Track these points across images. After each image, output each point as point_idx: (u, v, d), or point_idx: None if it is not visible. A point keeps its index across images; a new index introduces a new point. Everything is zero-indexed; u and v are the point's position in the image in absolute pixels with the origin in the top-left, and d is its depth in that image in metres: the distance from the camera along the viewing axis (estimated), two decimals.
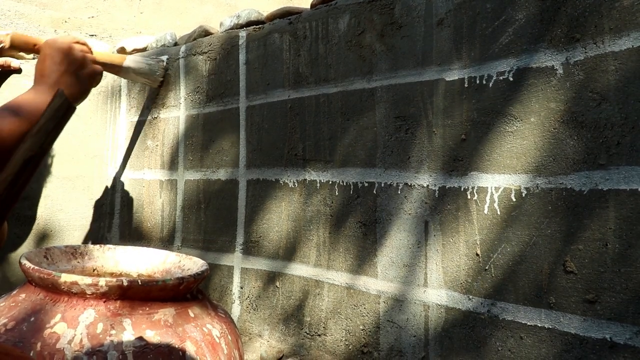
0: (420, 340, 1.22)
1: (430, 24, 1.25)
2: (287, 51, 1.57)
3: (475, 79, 1.17)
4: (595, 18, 0.99)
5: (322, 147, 1.46)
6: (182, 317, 1.03)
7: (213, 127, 1.78)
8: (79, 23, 2.78)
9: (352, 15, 1.41)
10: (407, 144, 1.28)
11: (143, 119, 2.03)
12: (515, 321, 1.07)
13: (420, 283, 1.23)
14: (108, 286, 0.96)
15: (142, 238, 1.98)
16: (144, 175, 2.01)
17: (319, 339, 1.43)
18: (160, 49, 2.02)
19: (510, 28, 1.11)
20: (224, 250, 1.71)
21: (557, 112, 1.03)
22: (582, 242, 0.99)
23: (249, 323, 1.62)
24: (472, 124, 1.16)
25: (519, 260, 1.07)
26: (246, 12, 1.74)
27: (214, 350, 1.02)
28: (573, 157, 1.01)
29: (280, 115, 1.58)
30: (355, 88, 1.40)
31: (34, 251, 1.20)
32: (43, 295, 1.00)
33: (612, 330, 0.94)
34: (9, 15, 2.58)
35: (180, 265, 1.31)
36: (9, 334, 0.92)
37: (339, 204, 1.41)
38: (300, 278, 1.49)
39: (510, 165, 1.09)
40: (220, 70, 1.77)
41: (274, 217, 1.57)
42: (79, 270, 1.31)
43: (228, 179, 1.72)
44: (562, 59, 1.03)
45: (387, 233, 1.30)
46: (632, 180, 0.93)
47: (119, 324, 0.94)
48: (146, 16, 2.96)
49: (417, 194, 1.25)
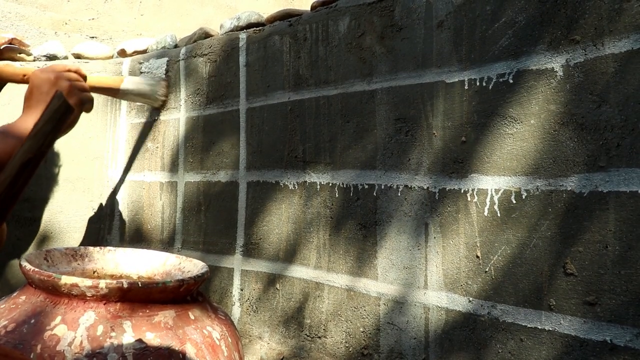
0: (420, 343, 1.22)
1: (430, 26, 1.25)
2: (287, 53, 1.57)
3: (475, 81, 1.17)
4: (595, 20, 0.99)
5: (322, 149, 1.46)
6: (182, 319, 1.03)
7: (213, 129, 1.78)
8: (80, 25, 2.78)
9: (352, 17, 1.41)
10: (407, 146, 1.28)
11: (143, 121, 2.03)
12: (515, 323, 1.07)
13: (420, 285, 1.23)
14: (108, 288, 0.96)
15: (142, 240, 1.98)
16: (144, 177, 2.01)
17: (319, 341, 1.43)
18: (160, 51, 2.02)
19: (510, 30, 1.11)
20: (224, 253, 1.71)
21: (557, 114, 1.03)
22: (582, 244, 0.99)
23: (249, 325, 1.62)
24: (472, 126, 1.16)
25: (519, 262, 1.07)
26: (246, 14, 1.75)
27: (214, 352, 1.02)
28: (573, 159, 1.01)
29: (280, 117, 1.58)
30: (355, 90, 1.40)
31: (34, 253, 1.20)
32: (43, 298, 0.99)
33: (612, 332, 0.94)
34: (9, 17, 2.59)
35: (180, 267, 1.31)
36: (9, 336, 0.92)
37: (339, 206, 1.41)
38: (301, 280, 1.49)
39: (510, 167, 1.10)
40: (220, 72, 1.77)
41: (274, 219, 1.57)
42: (79, 272, 1.31)
43: (228, 181, 1.72)
44: (562, 60, 1.03)
45: (387, 235, 1.30)
46: (632, 182, 0.93)
47: (119, 326, 0.94)
48: (146, 18, 2.97)
49: (417, 196, 1.25)
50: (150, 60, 2.01)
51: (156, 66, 1.99)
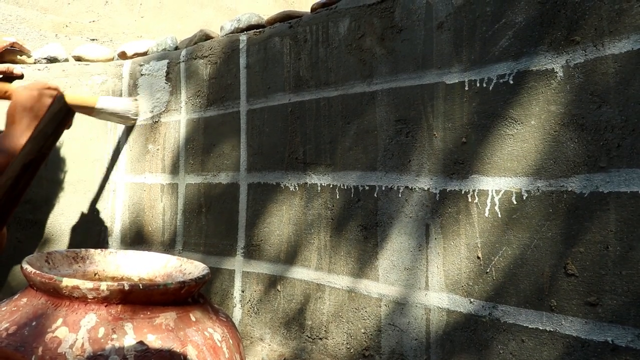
0: (421, 344, 1.22)
1: (430, 27, 1.25)
2: (288, 55, 1.57)
3: (475, 82, 1.17)
4: (595, 21, 0.99)
5: (322, 150, 1.47)
6: (183, 321, 1.03)
7: (214, 131, 1.78)
8: (80, 27, 2.79)
9: (353, 19, 1.41)
10: (408, 147, 1.28)
11: (144, 123, 2.04)
12: (516, 324, 1.07)
13: (421, 286, 1.23)
14: (109, 290, 0.96)
15: (143, 242, 1.98)
16: (145, 179, 2.01)
17: (321, 343, 1.43)
18: (161, 53, 2.02)
19: (510, 31, 1.11)
20: (225, 254, 1.71)
21: (557, 115, 1.03)
22: (583, 244, 0.99)
23: (250, 327, 1.62)
24: (473, 127, 1.16)
25: (520, 263, 1.07)
26: (247, 16, 1.75)
27: (215, 354, 1.02)
28: (574, 160, 1.01)
29: (281, 118, 1.58)
30: (355, 91, 1.40)
31: (35, 255, 1.20)
32: (44, 300, 1.00)
33: (613, 332, 0.94)
34: (10, 20, 2.59)
35: (181, 269, 1.31)
36: (10, 339, 0.92)
37: (339, 207, 1.42)
38: (302, 282, 1.49)
39: (511, 168, 1.10)
40: (220, 74, 1.77)
41: (275, 221, 1.57)
42: (81, 274, 1.31)
43: (229, 183, 1.72)
44: (562, 61, 1.03)
45: (388, 236, 1.30)
46: (633, 183, 0.93)
47: (121, 328, 0.94)
48: (147, 20, 2.97)
49: (418, 197, 1.25)
50: (150, 62, 2.02)
51: (157, 68, 1.99)
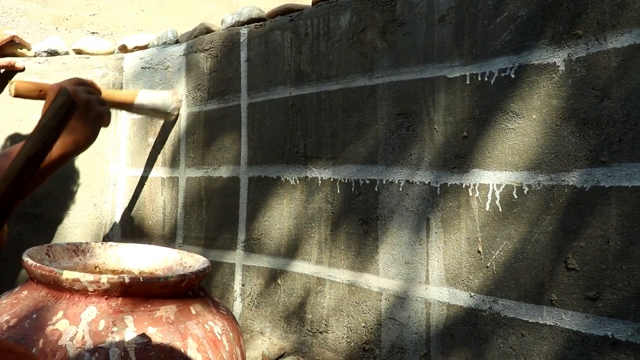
0: (421, 338, 1.22)
1: (431, 20, 1.25)
2: (289, 48, 1.57)
3: (476, 75, 1.16)
4: (597, 14, 0.99)
5: (323, 144, 1.46)
6: (183, 314, 1.03)
7: (214, 125, 1.78)
8: (80, 21, 2.78)
9: (354, 12, 1.41)
10: (409, 141, 1.28)
11: (144, 116, 2.03)
12: (516, 318, 1.07)
13: (421, 280, 1.23)
14: (110, 283, 0.96)
15: (143, 235, 1.98)
16: (145, 173, 2.01)
17: (321, 336, 1.43)
18: (161, 46, 2.02)
19: (511, 25, 1.11)
20: (225, 248, 1.71)
21: (558, 109, 1.03)
22: (584, 239, 0.98)
23: (250, 320, 1.62)
24: (474, 120, 1.16)
25: (521, 257, 1.07)
26: (247, 10, 1.74)
27: (215, 347, 1.02)
28: (575, 154, 1.00)
29: (281, 112, 1.58)
30: (356, 85, 1.39)
31: (36, 248, 1.20)
32: (45, 293, 1.00)
33: (613, 327, 0.94)
34: (10, 13, 2.58)
35: (181, 262, 1.31)
36: (11, 331, 0.92)
37: (340, 201, 1.41)
38: (302, 275, 1.49)
39: (511, 162, 1.09)
40: (221, 68, 1.77)
41: (275, 215, 1.57)
42: (81, 267, 1.31)
43: (229, 177, 1.72)
44: (564, 55, 1.03)
45: (389, 230, 1.30)
46: (634, 177, 0.93)
47: (121, 321, 0.95)
48: (147, 14, 2.96)
49: (419, 191, 1.25)
50: (151, 55, 2.01)
51: (157, 62, 1.99)
